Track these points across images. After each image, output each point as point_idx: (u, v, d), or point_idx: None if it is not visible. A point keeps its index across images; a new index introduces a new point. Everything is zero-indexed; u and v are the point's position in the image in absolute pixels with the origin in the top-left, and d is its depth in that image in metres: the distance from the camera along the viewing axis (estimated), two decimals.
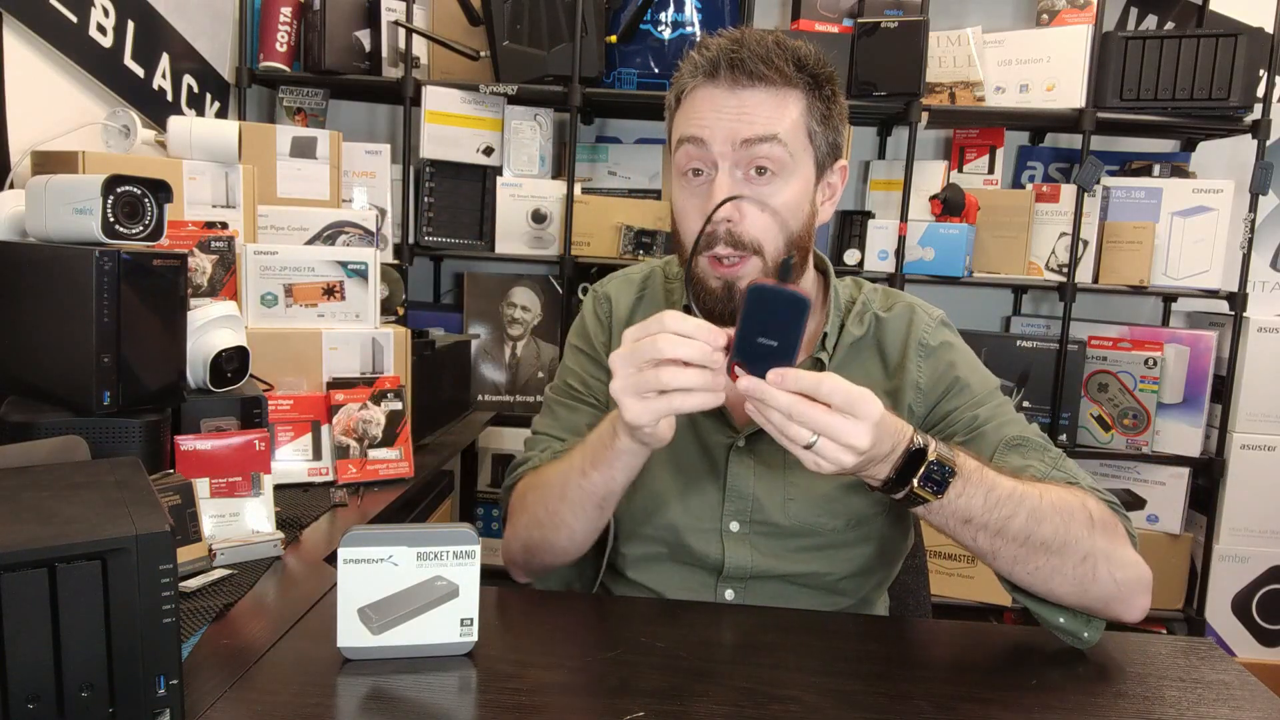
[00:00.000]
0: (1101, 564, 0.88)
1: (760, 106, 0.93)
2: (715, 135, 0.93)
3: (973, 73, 2.26)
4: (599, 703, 0.74)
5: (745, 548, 1.03)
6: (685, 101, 0.98)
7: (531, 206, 2.28)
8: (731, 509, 1.04)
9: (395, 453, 1.43)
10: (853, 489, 1.03)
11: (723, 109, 0.94)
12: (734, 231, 0.94)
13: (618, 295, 1.15)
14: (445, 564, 0.79)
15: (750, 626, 0.92)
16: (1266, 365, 2.33)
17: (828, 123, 0.98)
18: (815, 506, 1.03)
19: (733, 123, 0.93)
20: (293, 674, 0.77)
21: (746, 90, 0.94)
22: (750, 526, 1.03)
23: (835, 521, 1.03)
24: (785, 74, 0.94)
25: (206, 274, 1.39)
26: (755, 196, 0.94)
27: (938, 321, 1.09)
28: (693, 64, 0.97)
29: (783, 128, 0.93)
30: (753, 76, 0.93)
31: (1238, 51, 2.09)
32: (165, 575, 0.63)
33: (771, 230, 0.95)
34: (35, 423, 1.01)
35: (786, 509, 1.03)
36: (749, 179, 0.95)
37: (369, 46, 2.25)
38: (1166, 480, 2.36)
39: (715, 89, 0.94)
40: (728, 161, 0.94)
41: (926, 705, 0.76)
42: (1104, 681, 0.83)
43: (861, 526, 1.04)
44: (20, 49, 1.43)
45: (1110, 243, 2.31)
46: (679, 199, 1.00)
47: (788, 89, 0.95)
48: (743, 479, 1.04)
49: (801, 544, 1.03)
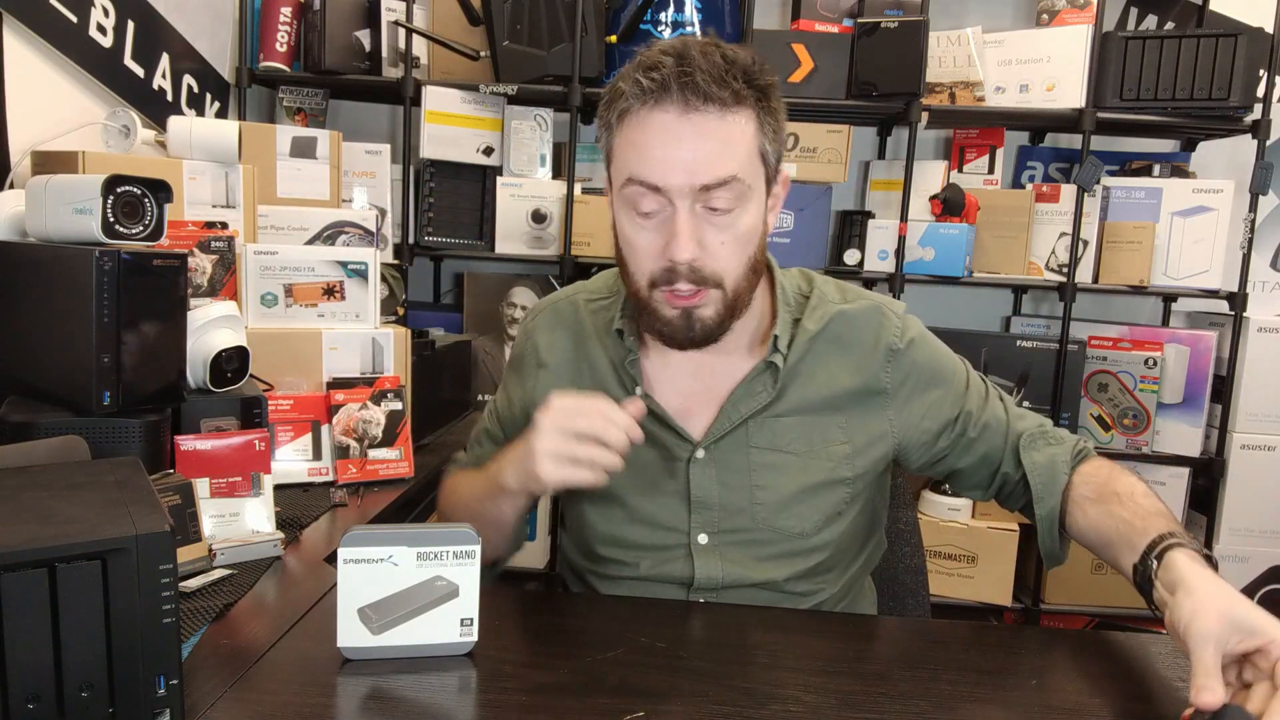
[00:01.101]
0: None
1: (714, 140, 0.89)
2: (671, 179, 0.89)
3: (973, 73, 2.26)
4: (599, 703, 0.74)
5: (715, 559, 1.02)
6: (630, 125, 0.91)
7: (531, 206, 2.28)
8: (699, 520, 1.02)
9: (395, 453, 1.43)
10: (820, 488, 1.02)
11: (676, 144, 0.88)
12: (696, 267, 0.92)
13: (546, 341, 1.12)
14: (445, 564, 0.79)
15: (750, 627, 0.92)
16: (1266, 365, 2.33)
17: (776, 136, 0.95)
18: (783, 510, 1.02)
19: (689, 164, 0.88)
20: (293, 674, 0.77)
21: (699, 114, 0.88)
22: (719, 537, 1.02)
23: (804, 524, 1.02)
24: (737, 93, 0.89)
25: (206, 274, 1.39)
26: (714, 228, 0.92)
27: (903, 319, 1.08)
28: (636, 86, 0.89)
29: (739, 163, 0.90)
30: (705, 98, 0.88)
31: (1238, 51, 2.09)
32: (165, 575, 0.63)
33: (733, 259, 0.93)
34: (35, 423, 1.01)
35: (755, 514, 1.02)
36: (707, 214, 0.91)
37: (369, 46, 2.25)
38: (1166, 480, 2.36)
39: (665, 115, 0.89)
40: (686, 199, 0.90)
41: (926, 705, 0.76)
42: (1104, 681, 0.83)
43: (831, 524, 1.03)
44: (20, 49, 1.43)
45: (1110, 243, 2.31)
46: (629, 233, 0.95)
47: (739, 108, 0.90)
48: (706, 489, 1.02)
49: (772, 550, 1.02)
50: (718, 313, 0.95)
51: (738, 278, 0.95)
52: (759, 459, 1.02)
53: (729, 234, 0.92)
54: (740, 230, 0.93)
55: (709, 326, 0.95)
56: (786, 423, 1.03)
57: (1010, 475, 1.07)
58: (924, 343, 1.08)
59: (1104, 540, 0.96)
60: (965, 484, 1.11)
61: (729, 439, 1.02)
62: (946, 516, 2.29)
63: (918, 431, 1.06)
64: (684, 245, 0.90)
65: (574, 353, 1.11)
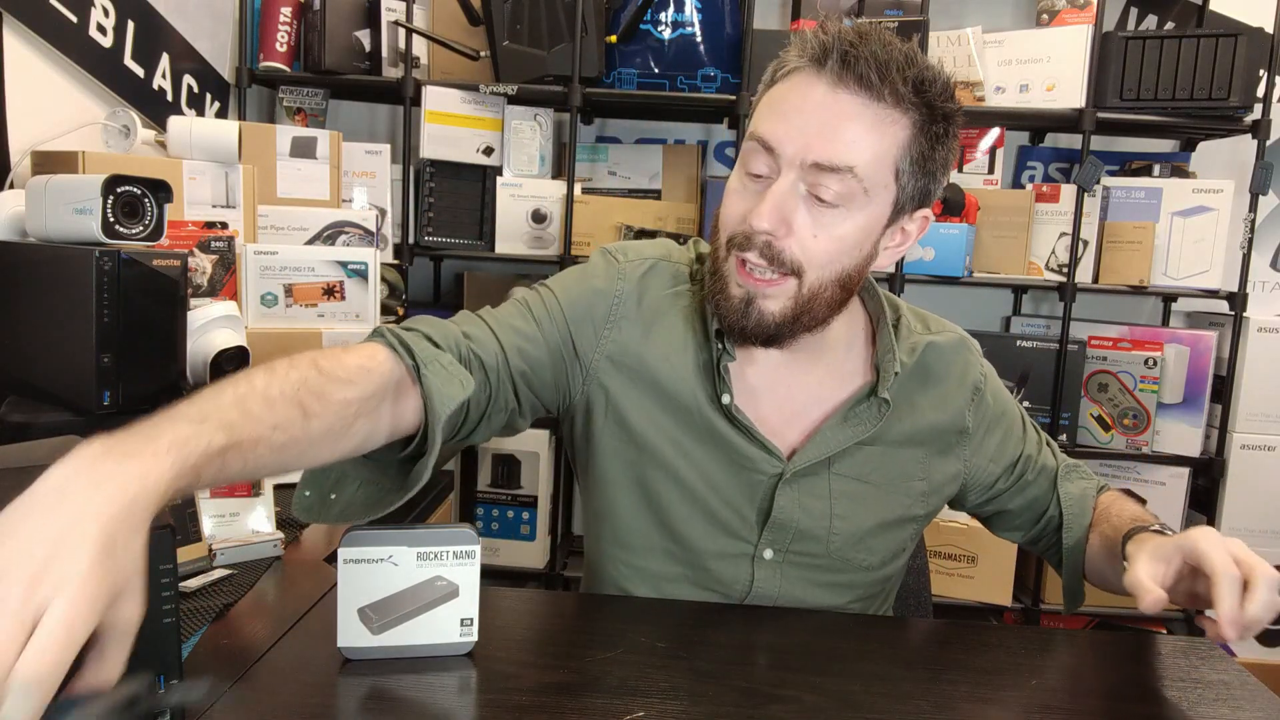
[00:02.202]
0: None
1: (850, 123, 0.81)
2: (787, 142, 0.83)
3: (973, 73, 2.25)
4: (599, 703, 0.74)
5: (775, 576, 0.98)
6: (778, 85, 0.86)
7: (531, 206, 2.27)
8: (770, 538, 0.97)
9: None
10: (894, 524, 1.01)
11: (807, 112, 0.82)
12: (774, 245, 0.84)
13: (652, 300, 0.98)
14: (445, 564, 0.79)
15: (750, 627, 0.92)
16: (1266, 365, 2.33)
17: (925, 165, 0.86)
18: (859, 543, 0.99)
19: (810, 136, 0.82)
20: (293, 674, 0.77)
21: (847, 94, 0.81)
22: (785, 556, 0.98)
23: (872, 558, 1.00)
24: (897, 93, 0.82)
25: (206, 274, 1.39)
26: (811, 217, 0.84)
27: (979, 354, 1.06)
28: (802, 42, 0.84)
29: (863, 159, 0.82)
30: (860, 82, 0.81)
31: (1238, 51, 2.09)
32: (165, 575, 0.63)
33: (820, 256, 0.85)
34: (35, 423, 1.01)
35: (830, 543, 0.98)
36: (810, 198, 0.84)
37: (369, 46, 2.25)
38: (1166, 480, 2.36)
39: (814, 80, 0.82)
40: (793, 173, 0.83)
41: (926, 705, 0.76)
42: (1104, 681, 0.83)
43: (889, 564, 1.02)
44: (20, 49, 1.43)
45: (1110, 243, 2.31)
46: (733, 187, 0.89)
47: (892, 110, 0.82)
48: (788, 511, 0.96)
49: (836, 579, 1.00)
50: (783, 310, 0.87)
51: (820, 280, 0.86)
52: (840, 487, 0.98)
53: (825, 231, 0.84)
54: (839, 233, 0.85)
55: (767, 322, 0.88)
56: (871, 452, 0.98)
57: (1054, 517, 1.06)
58: (994, 380, 1.05)
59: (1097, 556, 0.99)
60: (1008, 525, 1.10)
61: (817, 463, 0.97)
62: (947, 516, 2.29)
63: (984, 474, 1.04)
64: (764, 213, 0.83)
65: (666, 328, 0.98)
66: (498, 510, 2.36)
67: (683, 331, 0.98)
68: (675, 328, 0.98)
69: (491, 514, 2.37)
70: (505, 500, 2.35)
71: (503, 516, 2.36)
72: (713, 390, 0.96)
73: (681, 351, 0.97)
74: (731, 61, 2.24)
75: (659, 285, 1.00)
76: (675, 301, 0.99)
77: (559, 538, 2.47)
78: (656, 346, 0.97)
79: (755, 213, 0.84)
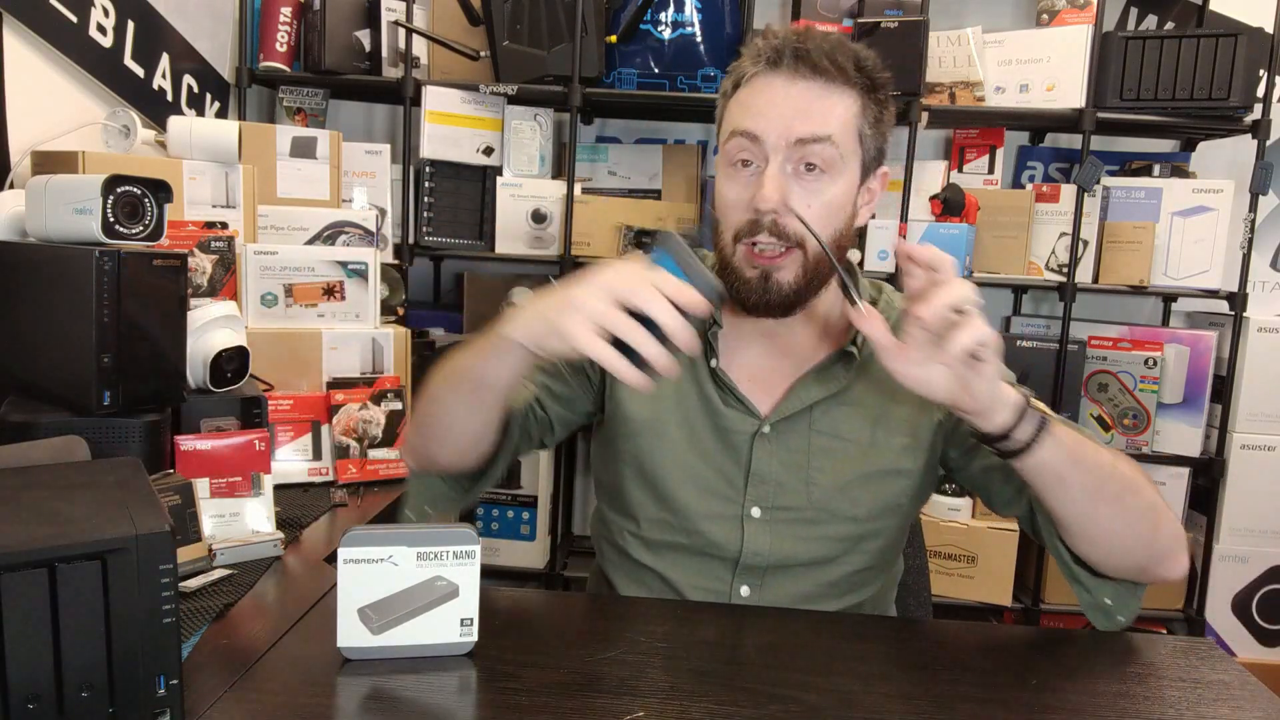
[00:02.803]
0: (1162, 515, 0.92)
1: (817, 103, 0.94)
2: (770, 129, 0.94)
3: (973, 73, 2.26)
4: (599, 703, 0.74)
5: (765, 534, 1.03)
6: (743, 89, 0.98)
7: (531, 206, 2.27)
8: (754, 494, 1.03)
9: (395, 453, 1.43)
10: (880, 476, 1.03)
11: (779, 101, 0.95)
12: (779, 223, 0.95)
13: None
14: (445, 564, 0.79)
15: (750, 626, 0.92)
16: (1266, 365, 2.33)
17: (878, 127, 0.99)
18: (838, 492, 1.03)
19: (788, 118, 0.94)
20: (293, 674, 0.77)
21: (805, 82, 0.95)
22: (772, 513, 1.03)
23: (857, 510, 1.03)
24: (845, 72, 0.95)
25: (206, 274, 1.39)
26: (802, 190, 0.95)
27: None
28: (755, 51, 0.97)
29: (836, 128, 0.95)
30: (814, 69, 0.94)
31: (1238, 51, 2.09)
32: (165, 575, 0.63)
33: (816, 224, 0.95)
34: (35, 423, 1.01)
35: (810, 494, 1.03)
36: (798, 174, 0.95)
37: (369, 46, 2.25)
38: (1166, 480, 2.36)
39: (775, 78, 0.95)
40: (779, 155, 0.94)
41: (926, 705, 0.76)
42: (1104, 681, 0.83)
43: (880, 519, 1.04)
44: (20, 49, 1.43)
45: (1110, 243, 2.31)
46: (725, 188, 0.99)
47: (845, 88, 0.96)
48: (767, 464, 1.03)
49: (823, 531, 1.03)
50: (796, 278, 0.97)
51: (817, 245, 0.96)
52: (819, 443, 1.04)
53: (817, 199, 0.96)
54: (829, 198, 0.96)
55: (785, 291, 0.97)
56: (850, 413, 1.04)
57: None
58: None
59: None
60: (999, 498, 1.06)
61: (794, 420, 1.03)
62: (947, 516, 2.29)
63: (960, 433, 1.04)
64: (769, 194, 0.93)
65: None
66: (498, 510, 2.36)
67: None
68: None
69: (491, 514, 2.37)
70: (505, 500, 2.35)
71: (503, 516, 2.36)
72: (705, 357, 1.06)
73: None
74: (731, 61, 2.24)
75: None
76: None
77: (559, 538, 2.47)
78: None
79: (759, 196, 0.94)
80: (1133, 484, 0.90)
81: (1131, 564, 0.93)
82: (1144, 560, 0.93)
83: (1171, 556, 0.93)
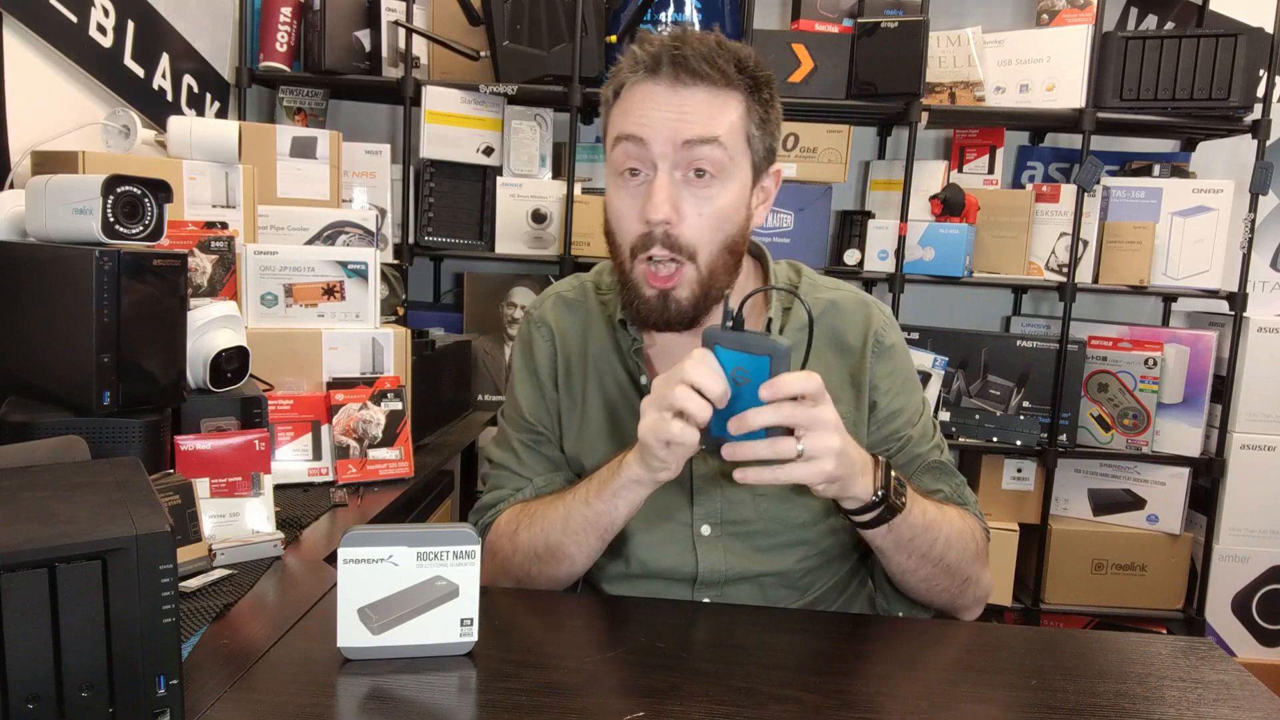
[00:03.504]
0: (971, 586, 1.02)
1: (701, 106, 0.92)
2: (656, 134, 0.92)
3: (973, 73, 2.26)
4: (599, 703, 0.74)
5: (718, 551, 1.03)
6: (624, 96, 0.96)
7: (531, 206, 2.28)
8: (701, 512, 1.03)
9: (395, 453, 1.43)
10: None
11: (663, 107, 0.92)
12: (671, 233, 0.93)
13: (558, 320, 1.12)
14: (445, 564, 0.79)
15: (750, 627, 0.92)
16: (1266, 365, 2.33)
17: (765, 127, 0.97)
18: (786, 499, 1.02)
19: (674, 122, 0.92)
20: (293, 674, 0.77)
21: (687, 89, 0.93)
22: (722, 528, 1.03)
23: (805, 514, 1.03)
24: (727, 74, 0.93)
25: (206, 274, 1.39)
26: (693, 198, 0.94)
27: (890, 319, 1.09)
28: (634, 59, 0.95)
29: (723, 130, 0.93)
30: (695, 75, 0.92)
31: (1238, 51, 2.09)
32: (165, 575, 0.63)
33: (707, 233, 0.94)
34: (35, 423, 1.01)
35: (757, 505, 1.02)
36: (687, 180, 0.94)
37: (369, 46, 2.25)
38: (1166, 480, 2.36)
39: (656, 85, 0.93)
40: (667, 162, 0.93)
41: (926, 705, 0.76)
42: (1104, 681, 0.83)
43: (828, 516, 1.04)
44: (20, 49, 1.43)
45: (1110, 243, 2.31)
46: (615, 199, 0.98)
47: (728, 90, 0.94)
48: (709, 480, 1.03)
49: (774, 540, 1.03)
50: (692, 293, 0.96)
51: (712, 254, 0.95)
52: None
53: (708, 206, 0.94)
54: (719, 206, 0.94)
55: (684, 308, 0.97)
56: None
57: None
58: (904, 352, 1.09)
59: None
60: None
61: None
62: None
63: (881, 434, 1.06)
64: (658, 204, 0.92)
65: (582, 339, 1.11)
66: None
67: (600, 336, 1.09)
68: (592, 335, 1.10)
69: None
70: None
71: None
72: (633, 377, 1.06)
73: (600, 355, 1.09)
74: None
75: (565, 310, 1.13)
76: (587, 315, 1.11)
77: None
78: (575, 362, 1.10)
79: (650, 205, 0.93)
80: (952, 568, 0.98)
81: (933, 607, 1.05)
82: (940, 608, 1.05)
83: (966, 610, 1.05)
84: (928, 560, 0.96)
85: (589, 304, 1.12)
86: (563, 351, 1.11)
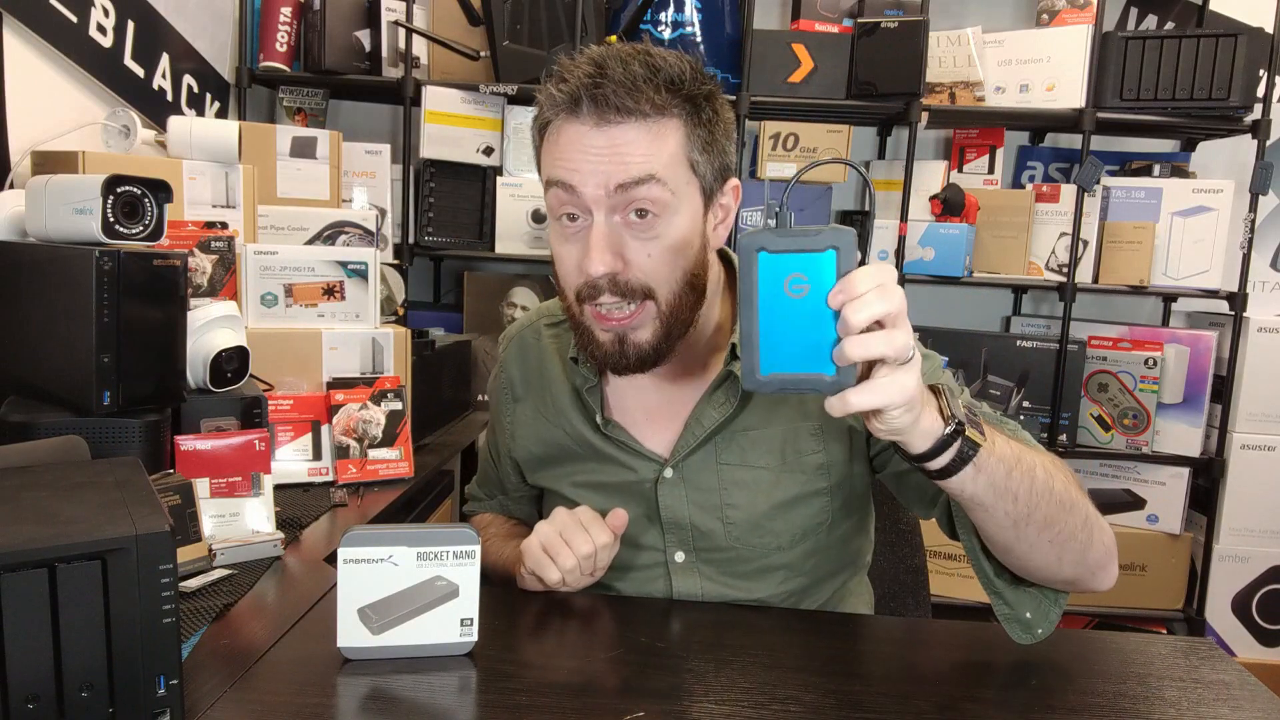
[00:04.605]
0: (1094, 530, 0.84)
1: (633, 144, 0.84)
2: (585, 180, 0.84)
3: (973, 73, 2.26)
4: (599, 703, 0.74)
5: (694, 577, 1.00)
6: (550, 137, 0.88)
7: (531, 206, 2.27)
8: (673, 539, 1.00)
9: (395, 453, 1.43)
10: (796, 502, 0.98)
11: (590, 150, 0.84)
12: (619, 280, 0.86)
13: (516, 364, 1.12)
14: (445, 564, 0.79)
15: (751, 627, 0.92)
16: (1266, 365, 2.33)
17: (711, 148, 0.89)
18: (756, 527, 0.98)
19: (605, 165, 0.84)
20: (293, 674, 0.77)
21: (615, 127, 0.84)
22: (696, 555, 1.00)
23: (779, 540, 0.98)
24: (656, 103, 0.84)
25: (206, 274, 1.39)
26: (638, 240, 0.86)
27: None
28: (551, 99, 0.86)
29: (660, 165, 0.84)
30: (620, 111, 0.83)
31: (1238, 51, 2.09)
32: (165, 575, 0.63)
33: (664, 271, 0.87)
34: (35, 423, 1.01)
35: (730, 532, 0.98)
36: (628, 223, 0.86)
37: (369, 46, 2.25)
38: (1166, 480, 2.36)
39: (580, 126, 0.85)
40: (603, 208, 0.85)
41: (926, 705, 0.76)
42: (1104, 681, 0.83)
43: (806, 539, 0.99)
44: (20, 49, 1.43)
45: (1110, 243, 2.31)
46: (556, 244, 0.91)
47: (662, 119, 0.85)
48: (676, 509, 0.99)
49: (751, 566, 0.99)
50: (654, 334, 0.89)
51: (671, 292, 0.88)
52: (729, 476, 0.98)
53: (656, 245, 0.87)
54: (668, 244, 0.87)
55: (644, 350, 0.90)
56: (755, 436, 0.98)
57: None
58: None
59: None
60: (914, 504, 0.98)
61: (697, 456, 0.98)
62: None
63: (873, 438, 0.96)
64: (594, 259, 0.85)
65: (539, 383, 1.09)
66: None
67: (554, 377, 1.07)
68: (547, 378, 1.08)
69: None
70: None
71: None
72: (589, 416, 1.02)
73: (555, 398, 1.06)
74: (731, 61, 2.24)
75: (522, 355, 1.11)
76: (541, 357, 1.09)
77: None
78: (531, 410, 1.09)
79: (587, 260, 0.85)
80: (1067, 502, 0.80)
81: (1060, 579, 0.86)
82: (1072, 575, 0.85)
83: (1102, 569, 0.87)
84: (1037, 497, 0.78)
85: (542, 343, 1.10)
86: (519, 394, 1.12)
